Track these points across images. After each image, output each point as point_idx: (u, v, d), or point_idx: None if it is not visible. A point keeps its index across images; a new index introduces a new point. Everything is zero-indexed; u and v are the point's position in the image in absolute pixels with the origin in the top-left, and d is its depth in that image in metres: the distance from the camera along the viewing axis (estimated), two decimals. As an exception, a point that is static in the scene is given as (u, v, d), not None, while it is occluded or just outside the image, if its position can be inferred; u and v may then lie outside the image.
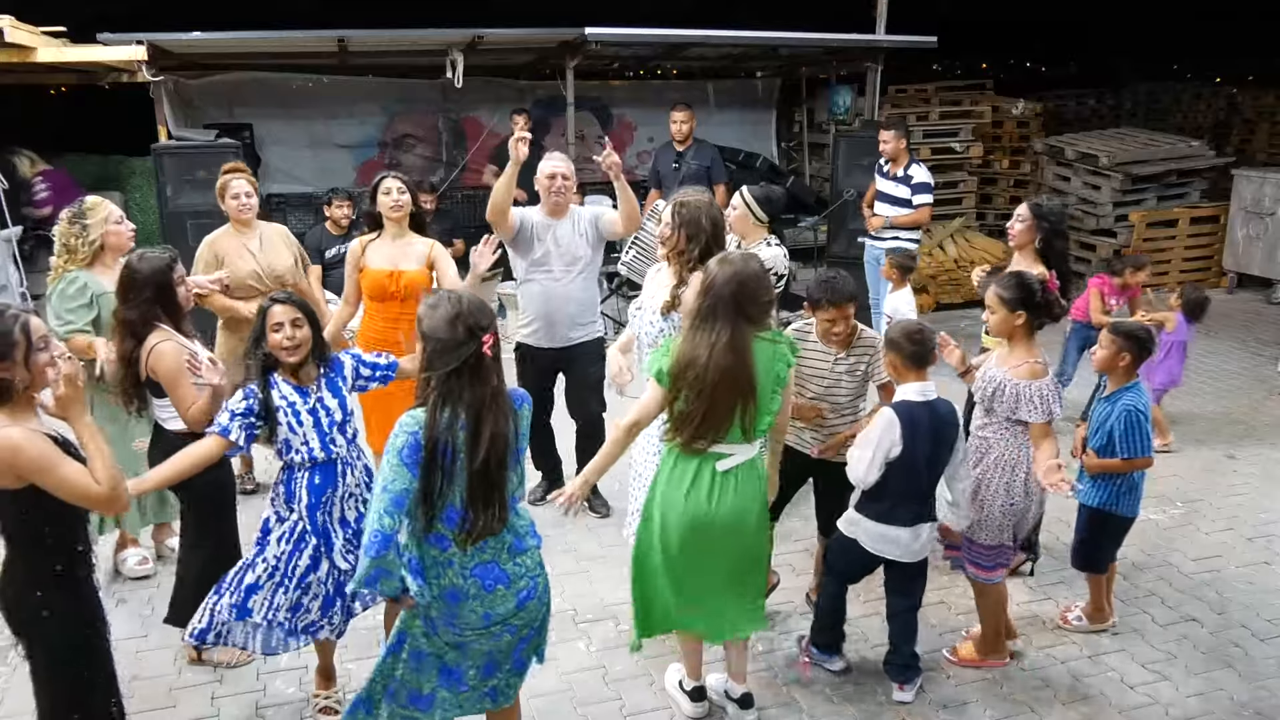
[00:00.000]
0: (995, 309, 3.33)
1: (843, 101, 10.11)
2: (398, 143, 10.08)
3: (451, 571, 2.46)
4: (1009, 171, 10.73)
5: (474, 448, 2.37)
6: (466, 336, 2.36)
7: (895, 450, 3.09)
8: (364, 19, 8.31)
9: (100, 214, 3.85)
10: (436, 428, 2.34)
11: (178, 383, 3.20)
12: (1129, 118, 13.41)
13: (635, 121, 10.95)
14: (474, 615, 2.50)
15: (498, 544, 2.50)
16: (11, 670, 3.51)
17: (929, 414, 3.13)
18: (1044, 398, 3.22)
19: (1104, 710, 3.34)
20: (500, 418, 2.41)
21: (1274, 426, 5.93)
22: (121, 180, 9.38)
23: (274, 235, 4.66)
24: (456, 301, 2.41)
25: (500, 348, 2.48)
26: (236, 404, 2.86)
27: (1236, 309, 8.88)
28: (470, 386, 2.37)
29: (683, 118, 7.04)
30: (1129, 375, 3.59)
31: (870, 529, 3.23)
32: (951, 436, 3.18)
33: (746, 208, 4.18)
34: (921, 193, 6.43)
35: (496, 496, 2.43)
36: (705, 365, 2.76)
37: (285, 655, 3.60)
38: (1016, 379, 3.26)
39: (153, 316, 3.24)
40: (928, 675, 3.49)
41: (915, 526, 3.19)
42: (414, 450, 2.34)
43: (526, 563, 2.56)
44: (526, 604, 2.56)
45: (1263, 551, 4.43)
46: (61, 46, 6.72)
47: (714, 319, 2.79)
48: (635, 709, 3.34)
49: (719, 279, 2.80)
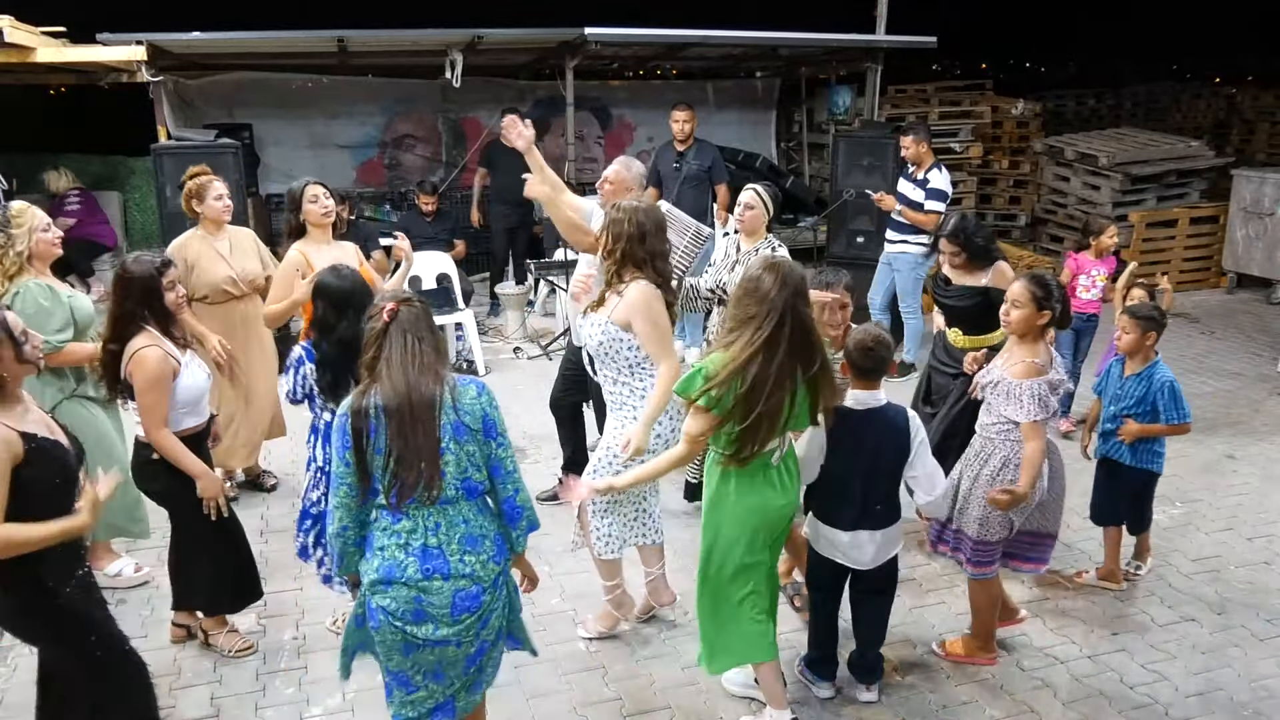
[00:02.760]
0: (1024, 304, 3.27)
1: (842, 102, 10.11)
2: (397, 143, 10.09)
3: (395, 545, 2.46)
4: (1008, 172, 10.73)
5: (388, 402, 2.42)
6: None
7: (821, 451, 3.14)
8: (364, 19, 8.33)
9: (27, 221, 3.70)
10: (362, 408, 2.43)
11: (150, 392, 3.20)
12: (1129, 118, 13.41)
13: (635, 121, 10.95)
14: (405, 596, 2.44)
15: (448, 529, 2.47)
16: (12, 670, 3.51)
17: (866, 422, 3.11)
18: (1034, 396, 3.22)
19: (1104, 710, 3.34)
20: (413, 377, 2.42)
21: (1274, 426, 5.94)
22: (121, 180, 9.39)
23: (243, 238, 4.65)
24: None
25: (410, 314, 2.49)
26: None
27: (1236, 309, 8.88)
28: (385, 355, 2.46)
29: (684, 117, 7.02)
30: (1151, 354, 3.97)
31: (816, 527, 3.26)
32: (902, 442, 3.16)
33: (763, 205, 4.22)
34: (934, 199, 6.37)
35: (421, 455, 2.41)
36: (767, 377, 2.75)
37: (285, 655, 3.62)
38: (1011, 377, 3.28)
39: (139, 317, 3.24)
40: (928, 675, 3.50)
41: (854, 532, 3.15)
42: (341, 434, 2.46)
43: (475, 566, 2.48)
44: (460, 615, 2.47)
45: (1263, 551, 4.43)
46: (61, 46, 6.73)
47: (775, 326, 2.77)
48: (635, 709, 3.34)
49: (774, 286, 2.78)
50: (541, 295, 8.20)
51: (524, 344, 7.60)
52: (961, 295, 4.19)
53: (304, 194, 4.24)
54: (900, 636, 3.74)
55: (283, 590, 4.06)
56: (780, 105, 11.42)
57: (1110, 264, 5.66)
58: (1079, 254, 5.76)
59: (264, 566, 4.16)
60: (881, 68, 8.75)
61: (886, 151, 7.29)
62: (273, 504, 4.89)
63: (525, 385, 6.53)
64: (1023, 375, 3.26)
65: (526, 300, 8.09)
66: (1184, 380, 6.35)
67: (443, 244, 7.72)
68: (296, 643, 3.71)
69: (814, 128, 11.08)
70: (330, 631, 3.73)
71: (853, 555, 3.20)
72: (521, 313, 7.92)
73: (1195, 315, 8.52)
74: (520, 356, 7.39)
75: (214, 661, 3.58)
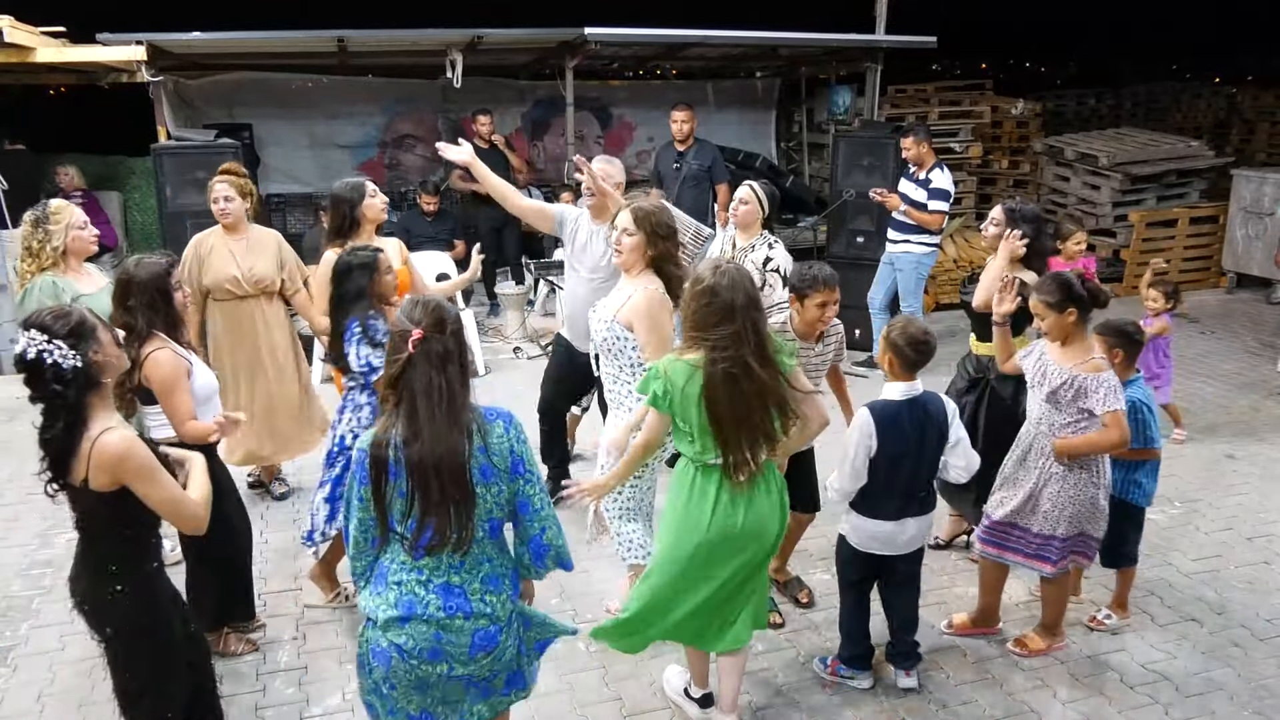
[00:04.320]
0: (1044, 314, 3.33)
1: (842, 101, 10.10)
2: (398, 143, 10.08)
3: (415, 581, 2.32)
4: (1008, 171, 10.73)
5: (410, 449, 2.23)
6: (400, 342, 2.26)
7: (873, 447, 3.15)
8: (364, 19, 8.32)
9: (64, 219, 3.82)
10: (383, 445, 2.25)
11: (172, 392, 3.20)
12: (1129, 118, 13.41)
13: (635, 121, 10.95)
14: (424, 633, 2.30)
15: (472, 567, 2.35)
16: (12, 671, 3.51)
17: (910, 411, 3.18)
18: (1110, 387, 3.24)
19: (1104, 710, 3.34)
20: (439, 421, 2.23)
21: (1274, 426, 5.93)
22: (121, 180, 9.38)
23: (265, 241, 4.57)
24: (409, 306, 2.32)
25: (439, 346, 2.25)
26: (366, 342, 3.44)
27: (1236, 309, 8.88)
28: (406, 390, 2.26)
29: (683, 117, 7.02)
30: (1127, 370, 3.67)
31: (857, 524, 3.30)
32: (941, 429, 3.23)
33: (758, 201, 4.21)
34: (937, 199, 6.39)
35: (449, 506, 2.25)
36: (716, 383, 2.70)
37: (285, 655, 3.62)
38: (1082, 373, 3.28)
39: (150, 323, 3.23)
40: (928, 675, 3.50)
41: (901, 520, 3.24)
42: (360, 469, 2.30)
43: (495, 605, 2.36)
44: (477, 655, 2.36)
45: (1263, 551, 4.43)
46: (61, 46, 6.73)
47: (721, 330, 2.71)
48: (635, 709, 3.34)
49: (721, 285, 2.72)
50: (541, 295, 8.20)
51: (524, 344, 7.61)
52: None
53: (366, 190, 4.14)
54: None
55: (283, 590, 4.06)
56: (780, 105, 11.42)
57: (1085, 264, 5.56)
58: (1052, 258, 5.69)
59: (264, 566, 4.17)
60: (881, 68, 8.75)
61: (886, 151, 7.28)
62: (273, 503, 4.89)
63: (525, 386, 6.51)
64: (1091, 369, 3.27)
65: (526, 300, 8.09)
66: (1184, 380, 6.40)
67: (443, 244, 7.73)
68: (296, 643, 3.71)
69: (814, 128, 11.07)
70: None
71: (898, 541, 3.27)
72: (521, 313, 7.92)
73: (1195, 315, 8.52)
74: (520, 357, 7.39)
75: (214, 662, 3.57)
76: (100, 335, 2.39)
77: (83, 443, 2.34)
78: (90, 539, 2.51)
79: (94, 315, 2.44)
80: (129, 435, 2.40)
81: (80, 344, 2.33)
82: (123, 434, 2.39)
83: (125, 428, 2.47)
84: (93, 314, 2.44)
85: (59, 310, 2.39)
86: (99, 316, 2.47)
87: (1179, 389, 5.82)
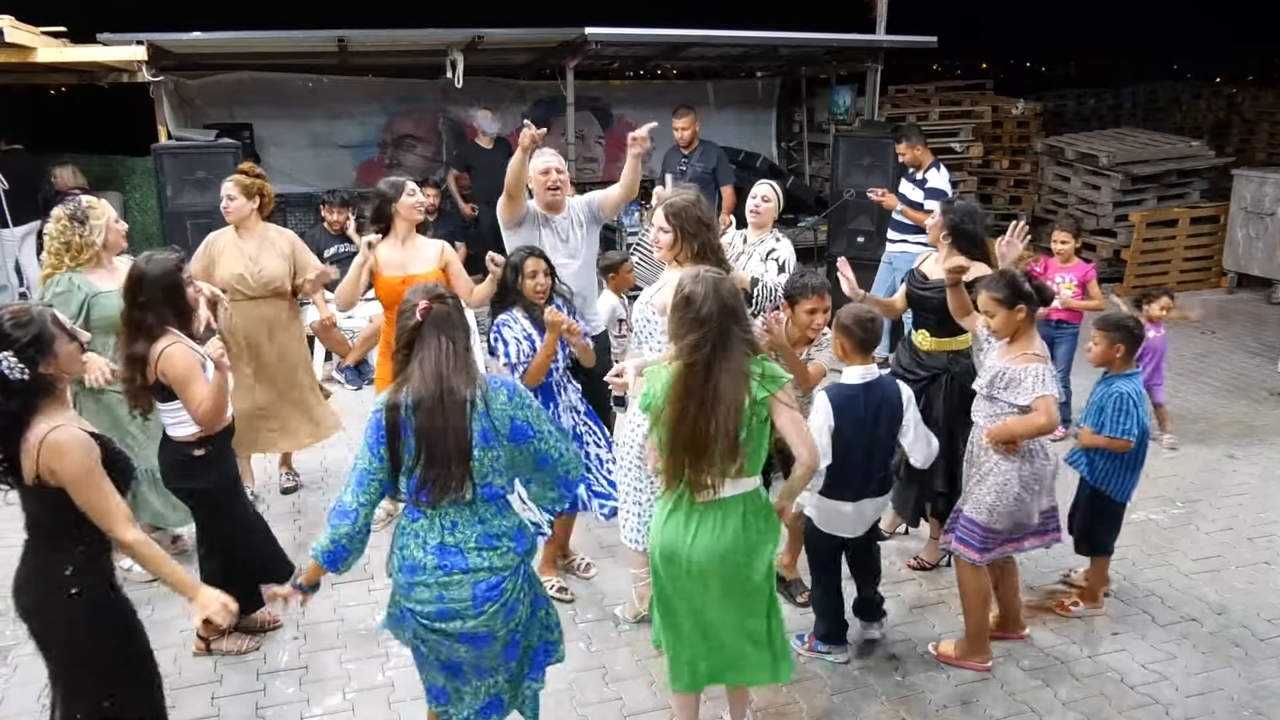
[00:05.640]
0: (994, 311, 3.35)
1: (842, 101, 10.10)
2: (398, 143, 10.08)
3: (414, 544, 2.50)
4: (1009, 171, 10.73)
5: (420, 400, 2.43)
6: (410, 312, 2.49)
7: (831, 427, 3.24)
8: (364, 19, 8.32)
9: (103, 213, 3.88)
10: (398, 408, 2.43)
11: (189, 384, 3.20)
12: (1129, 118, 13.41)
13: (635, 122, 10.88)
14: (427, 596, 2.48)
15: (466, 529, 2.49)
16: (12, 670, 3.51)
17: (867, 395, 3.28)
18: (1037, 377, 3.26)
19: (1104, 710, 3.34)
20: (447, 377, 2.43)
21: (1274, 426, 5.93)
22: (121, 180, 9.37)
23: (278, 242, 4.57)
24: (413, 291, 2.57)
25: (443, 310, 2.50)
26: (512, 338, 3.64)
27: (1236, 309, 8.88)
28: (418, 354, 2.47)
29: (683, 124, 6.99)
30: (1127, 364, 3.78)
31: (819, 504, 3.42)
32: (897, 411, 3.33)
33: (778, 200, 4.52)
34: (933, 198, 6.38)
35: (452, 456, 2.41)
36: (679, 389, 2.61)
37: (285, 655, 3.62)
38: (1013, 365, 3.31)
39: (163, 318, 3.23)
40: (928, 675, 3.50)
41: (859, 502, 3.37)
42: (375, 429, 2.46)
43: (494, 560, 2.50)
44: (484, 605, 2.49)
45: (1263, 551, 4.43)
46: (61, 46, 6.72)
47: (691, 337, 2.62)
48: (635, 709, 3.34)
49: (696, 294, 2.62)
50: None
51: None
52: (940, 289, 4.16)
53: (404, 189, 4.16)
54: (900, 636, 3.75)
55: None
56: (780, 105, 11.40)
57: (1080, 270, 5.56)
58: (1049, 258, 5.73)
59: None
60: (881, 67, 8.75)
61: (887, 151, 7.29)
62: (273, 504, 4.89)
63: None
64: (1024, 362, 3.29)
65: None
66: (1184, 380, 6.41)
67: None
68: (297, 643, 3.72)
69: (814, 128, 11.07)
70: None
71: (854, 526, 3.43)
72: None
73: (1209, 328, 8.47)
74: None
75: (214, 662, 3.59)
76: (58, 347, 2.40)
77: (31, 441, 2.35)
78: (39, 536, 2.50)
79: (58, 324, 2.43)
80: (78, 433, 2.39)
81: (35, 356, 2.35)
82: (72, 431, 2.38)
83: (78, 424, 2.45)
84: (56, 322, 2.43)
85: (21, 316, 2.38)
86: (63, 324, 2.46)
87: (1179, 389, 5.82)
